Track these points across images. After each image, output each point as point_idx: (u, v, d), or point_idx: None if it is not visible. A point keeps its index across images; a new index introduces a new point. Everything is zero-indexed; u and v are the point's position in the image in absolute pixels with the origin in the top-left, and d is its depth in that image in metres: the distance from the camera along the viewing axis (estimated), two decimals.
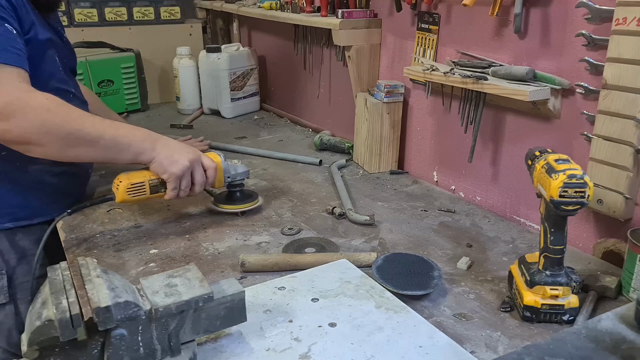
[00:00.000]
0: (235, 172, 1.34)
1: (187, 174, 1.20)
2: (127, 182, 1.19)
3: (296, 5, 1.96)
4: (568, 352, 0.63)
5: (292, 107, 2.40)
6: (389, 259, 1.10)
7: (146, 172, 1.21)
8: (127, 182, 1.19)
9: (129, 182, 1.19)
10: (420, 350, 0.80)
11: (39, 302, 0.69)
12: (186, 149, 1.23)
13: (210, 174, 1.25)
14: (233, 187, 1.37)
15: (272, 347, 0.81)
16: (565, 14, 1.17)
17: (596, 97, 1.10)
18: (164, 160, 1.18)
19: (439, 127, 1.59)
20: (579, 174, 0.85)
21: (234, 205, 1.38)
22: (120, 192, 1.19)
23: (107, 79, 2.35)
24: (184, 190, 1.22)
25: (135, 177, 1.20)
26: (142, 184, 1.20)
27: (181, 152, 1.21)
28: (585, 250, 1.20)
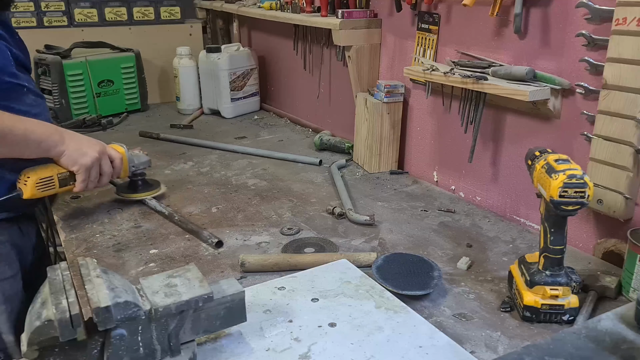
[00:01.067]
0: (138, 162, 1.40)
1: (96, 166, 1.24)
2: (36, 177, 1.18)
3: (296, 5, 1.96)
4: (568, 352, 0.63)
5: (292, 107, 2.40)
6: (389, 259, 1.10)
7: (53, 166, 1.22)
8: (35, 177, 1.18)
9: (38, 177, 1.18)
10: (420, 351, 0.80)
11: (38, 302, 0.69)
12: (93, 141, 1.26)
13: (116, 165, 1.30)
14: (135, 176, 1.43)
15: (272, 347, 0.81)
16: (565, 14, 1.17)
17: (596, 97, 1.10)
18: (73, 152, 1.20)
19: (439, 127, 1.59)
20: (579, 174, 0.85)
21: (137, 193, 1.44)
22: (28, 187, 1.18)
23: (107, 79, 2.35)
24: (93, 181, 1.25)
25: (44, 172, 1.20)
26: (51, 178, 1.21)
27: (89, 144, 1.24)
28: (585, 250, 1.20)
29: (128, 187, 1.45)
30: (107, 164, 1.27)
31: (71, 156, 1.20)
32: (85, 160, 1.21)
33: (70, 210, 1.41)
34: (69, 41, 2.32)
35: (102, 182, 1.28)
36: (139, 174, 1.43)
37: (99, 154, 1.24)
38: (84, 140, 1.24)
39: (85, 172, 1.22)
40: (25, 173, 1.19)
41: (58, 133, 1.20)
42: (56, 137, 1.19)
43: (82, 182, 1.23)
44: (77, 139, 1.23)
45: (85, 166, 1.21)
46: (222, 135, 2.12)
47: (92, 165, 1.22)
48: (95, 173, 1.25)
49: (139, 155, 1.41)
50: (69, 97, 2.22)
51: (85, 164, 1.21)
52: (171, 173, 1.70)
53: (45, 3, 2.41)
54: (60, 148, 1.19)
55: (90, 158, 1.22)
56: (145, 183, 1.46)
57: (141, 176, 1.44)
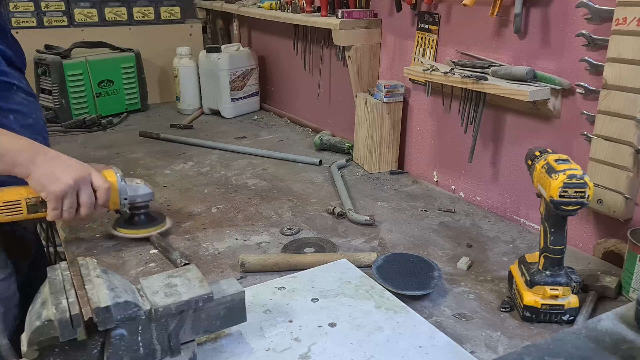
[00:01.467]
0: (134, 194, 1.20)
1: (71, 194, 1.07)
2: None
3: (296, 5, 1.96)
4: (568, 352, 0.63)
5: (292, 107, 2.40)
6: (389, 259, 1.10)
7: (23, 189, 1.08)
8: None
9: (1, 200, 1.06)
10: (420, 350, 0.80)
11: (38, 302, 0.69)
12: (74, 165, 1.10)
13: (100, 195, 1.11)
14: (135, 209, 1.23)
15: (272, 347, 0.81)
16: (565, 14, 1.17)
17: (596, 97, 1.10)
18: (42, 177, 1.05)
19: (439, 127, 1.59)
20: (579, 174, 0.85)
21: (135, 229, 1.24)
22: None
23: (107, 79, 2.35)
24: (68, 211, 1.08)
25: (10, 195, 1.07)
26: (18, 202, 1.07)
27: (66, 169, 1.08)
28: (585, 250, 1.20)
29: (126, 220, 1.24)
30: (88, 193, 1.09)
31: (39, 180, 1.05)
32: (55, 188, 1.05)
33: None
34: (69, 41, 2.33)
35: (81, 212, 1.10)
36: (141, 207, 1.23)
37: (74, 181, 1.07)
38: (62, 163, 1.08)
39: (55, 200, 1.06)
40: None
41: (29, 151, 1.05)
42: (25, 155, 1.04)
43: (53, 211, 1.07)
44: (52, 162, 1.07)
45: (54, 194, 1.05)
46: (222, 135, 2.12)
47: (63, 194, 1.06)
48: (69, 202, 1.08)
49: (137, 186, 1.21)
50: (69, 97, 2.22)
51: (54, 192, 1.05)
52: (171, 173, 1.70)
53: (45, 3, 2.41)
54: (27, 169, 1.04)
55: (63, 185, 1.05)
56: (148, 217, 1.26)
57: (144, 209, 1.24)
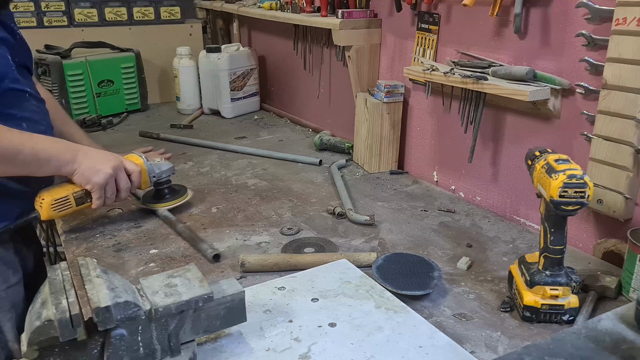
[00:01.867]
0: (159, 171, 1.34)
1: (111, 182, 1.21)
2: (50, 198, 1.15)
3: (296, 5, 1.96)
4: (568, 352, 0.63)
5: (292, 107, 2.40)
6: (389, 259, 1.10)
7: (68, 185, 1.19)
8: (50, 198, 1.15)
9: (52, 199, 1.16)
10: (420, 350, 0.80)
11: (38, 302, 0.69)
12: (107, 156, 1.22)
13: (134, 178, 1.26)
14: (160, 185, 1.37)
15: (272, 347, 0.81)
16: (565, 14, 1.17)
17: (596, 97, 1.10)
18: (86, 170, 1.17)
19: (439, 127, 1.59)
20: (579, 174, 0.85)
21: (163, 202, 1.38)
22: (44, 209, 1.15)
23: (107, 79, 2.35)
24: (110, 197, 1.22)
25: (58, 192, 1.17)
26: (67, 198, 1.18)
27: (103, 160, 1.20)
28: (585, 250, 1.20)
29: (153, 196, 1.39)
30: (124, 178, 1.23)
31: (83, 174, 1.17)
32: (98, 178, 1.18)
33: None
34: (69, 41, 2.32)
35: (120, 197, 1.24)
36: (164, 182, 1.37)
37: (113, 170, 1.20)
38: (98, 157, 1.21)
39: (99, 190, 1.19)
40: (40, 194, 1.17)
41: (70, 151, 1.17)
42: (68, 155, 1.16)
43: (98, 200, 1.20)
44: (90, 155, 1.19)
45: (98, 184, 1.18)
46: (222, 135, 2.12)
47: (105, 182, 1.19)
48: (111, 189, 1.21)
49: (159, 163, 1.35)
50: (69, 97, 2.21)
51: (98, 182, 1.18)
52: None
53: (45, 3, 2.41)
54: (72, 166, 1.16)
55: (104, 175, 1.19)
56: (172, 190, 1.40)
57: (167, 184, 1.38)
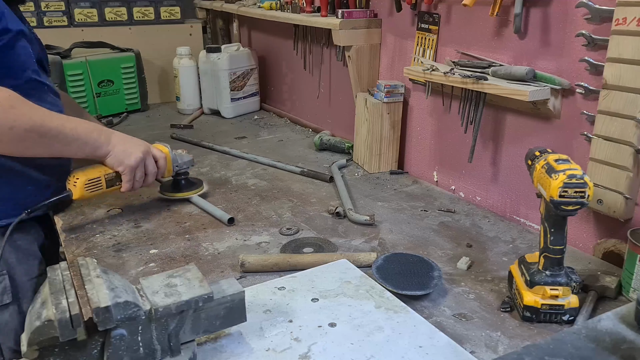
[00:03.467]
0: (181, 161, 1.41)
1: (141, 166, 1.26)
2: (85, 178, 1.20)
3: (296, 5, 1.96)
4: (568, 352, 0.63)
5: (292, 107, 2.40)
6: (389, 259, 1.10)
7: (100, 167, 1.24)
8: (84, 178, 1.20)
9: (87, 178, 1.21)
10: (420, 351, 0.80)
11: (38, 302, 0.69)
12: (138, 142, 1.27)
13: (161, 164, 1.32)
14: (179, 175, 1.43)
15: (272, 347, 0.81)
16: (565, 14, 1.17)
17: (596, 97, 1.10)
18: (119, 153, 1.22)
19: (439, 127, 1.59)
20: (579, 174, 0.85)
21: (182, 192, 1.45)
22: (78, 188, 1.20)
23: (107, 79, 2.35)
24: (139, 181, 1.27)
25: (92, 173, 1.22)
26: (99, 179, 1.23)
27: (134, 144, 1.26)
28: (585, 250, 1.20)
29: (172, 186, 1.46)
30: (152, 163, 1.29)
31: (117, 157, 1.22)
32: (130, 161, 1.23)
33: (70, 211, 1.41)
34: (69, 41, 2.33)
35: (147, 181, 1.30)
36: (182, 173, 1.44)
37: (143, 154, 1.25)
38: (129, 141, 1.26)
39: (130, 172, 1.24)
40: (74, 174, 1.22)
41: (104, 133, 1.22)
42: (102, 137, 1.20)
43: (128, 182, 1.25)
44: (122, 139, 1.24)
45: (130, 167, 1.23)
46: (222, 135, 2.12)
47: (137, 165, 1.24)
48: (140, 173, 1.26)
49: (182, 154, 1.43)
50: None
51: (130, 165, 1.23)
52: None
53: (45, 3, 2.41)
54: (107, 148, 1.21)
55: (135, 158, 1.24)
56: (189, 182, 1.47)
57: (184, 175, 1.45)
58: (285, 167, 1.73)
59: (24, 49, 1.17)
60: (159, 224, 1.34)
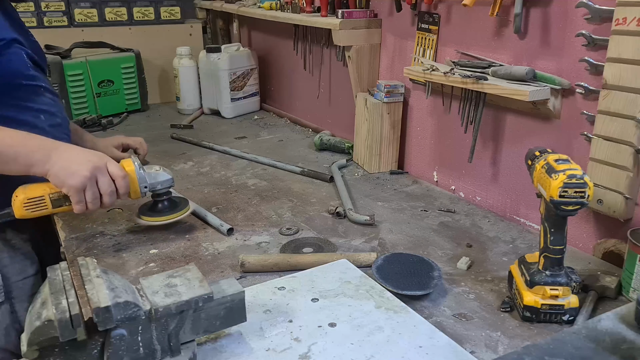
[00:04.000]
0: (154, 181, 1.21)
1: (91, 185, 1.09)
2: (24, 196, 1.08)
3: (296, 5, 1.96)
4: (568, 352, 0.63)
5: (292, 107, 2.40)
6: (389, 259, 1.10)
7: (46, 185, 1.10)
8: (23, 196, 1.08)
9: (26, 197, 1.08)
10: (420, 350, 0.80)
11: (38, 302, 0.69)
12: (88, 157, 1.11)
13: (119, 184, 1.13)
14: (158, 196, 1.25)
15: (272, 347, 0.81)
16: (565, 14, 1.17)
17: (596, 97, 1.10)
18: (59, 172, 1.07)
19: (439, 127, 1.59)
20: (579, 174, 0.85)
21: (159, 216, 1.25)
22: (16, 207, 1.08)
23: (107, 79, 2.35)
24: (92, 202, 1.10)
25: (34, 191, 1.09)
26: (42, 198, 1.09)
27: (81, 161, 1.09)
28: (585, 250, 1.20)
29: (149, 208, 1.27)
30: (106, 182, 1.11)
31: (57, 175, 1.07)
32: (73, 181, 1.07)
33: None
34: (69, 41, 2.33)
35: (105, 202, 1.12)
36: (163, 194, 1.25)
37: (90, 172, 1.08)
38: (77, 157, 1.10)
39: (76, 193, 1.08)
40: (16, 190, 1.09)
41: (43, 150, 1.08)
42: (39, 154, 1.06)
43: (77, 204, 1.09)
44: (67, 155, 1.09)
45: (74, 187, 1.07)
46: (222, 135, 2.12)
47: (82, 185, 1.08)
48: (92, 194, 1.09)
49: (156, 173, 1.22)
50: (69, 97, 2.21)
51: (74, 185, 1.07)
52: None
53: (45, 3, 2.41)
54: (44, 167, 1.06)
55: (80, 178, 1.07)
56: (171, 202, 1.27)
57: (166, 196, 1.25)
58: (285, 167, 1.73)
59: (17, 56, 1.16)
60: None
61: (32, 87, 1.20)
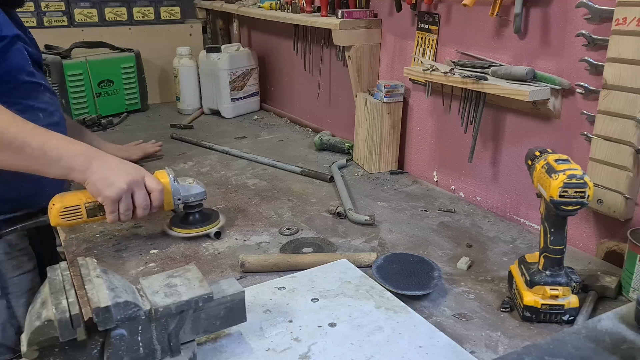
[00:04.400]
0: (187, 194, 1.22)
1: (126, 197, 1.10)
2: (60, 205, 1.09)
3: (296, 5, 1.96)
4: (568, 352, 0.63)
5: (292, 107, 2.40)
6: (389, 259, 1.10)
7: (82, 194, 1.11)
8: (60, 205, 1.09)
9: (62, 206, 1.09)
10: (420, 350, 0.80)
11: (38, 302, 0.69)
12: (127, 169, 1.12)
13: (155, 197, 1.14)
14: (190, 208, 1.26)
15: (272, 347, 0.81)
16: (565, 14, 1.17)
17: (596, 97, 1.10)
18: (98, 181, 1.08)
19: (439, 127, 1.59)
20: (579, 174, 0.85)
21: (190, 228, 1.26)
22: (53, 215, 1.09)
23: (107, 79, 2.35)
24: (125, 214, 1.11)
25: (70, 200, 1.10)
26: (78, 207, 1.10)
27: (119, 173, 1.10)
28: (585, 250, 1.20)
29: (182, 219, 1.28)
30: (142, 195, 1.12)
31: (95, 185, 1.07)
32: (110, 192, 1.08)
33: None
34: (69, 41, 2.32)
35: (137, 215, 1.13)
36: (195, 206, 1.25)
37: (128, 184, 1.09)
38: (116, 168, 1.11)
39: (111, 204, 1.09)
40: (53, 198, 1.11)
41: (85, 156, 1.08)
42: (80, 159, 1.07)
43: (111, 215, 1.10)
44: (107, 165, 1.10)
45: (110, 198, 1.08)
46: (222, 135, 2.12)
47: (118, 197, 1.09)
48: (125, 205, 1.10)
49: (189, 186, 1.23)
50: (69, 97, 2.21)
51: (110, 196, 1.08)
52: None
53: (45, 3, 2.41)
54: (84, 174, 1.07)
55: (117, 189, 1.08)
56: (203, 216, 1.28)
57: (197, 208, 1.26)
58: (285, 167, 1.73)
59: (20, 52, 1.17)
60: (159, 224, 1.34)
61: (33, 85, 1.20)
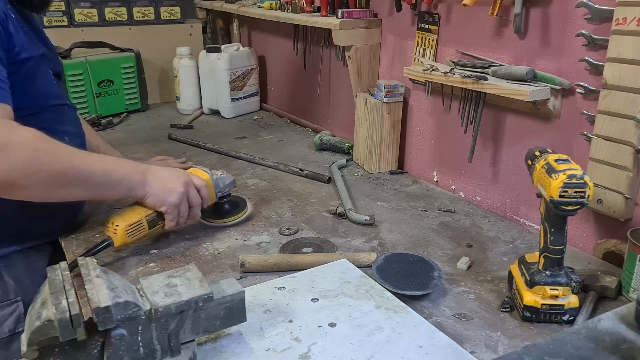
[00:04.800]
0: (223, 185, 1.28)
1: (184, 200, 1.15)
2: (125, 224, 1.11)
3: (296, 5, 1.96)
4: (568, 352, 0.63)
5: (292, 107, 2.40)
6: (389, 259, 1.10)
7: (139, 208, 1.14)
8: (124, 224, 1.11)
9: (127, 224, 1.11)
10: (420, 351, 0.80)
11: (38, 302, 0.69)
12: (175, 173, 1.17)
13: (204, 194, 1.20)
14: (222, 199, 1.30)
15: (272, 347, 0.81)
16: (565, 14, 1.17)
17: (596, 97, 1.10)
18: (159, 192, 1.11)
19: (439, 127, 1.59)
20: (579, 174, 0.85)
21: (225, 218, 1.32)
22: (119, 236, 1.10)
23: (107, 79, 2.35)
24: (183, 217, 1.17)
25: (132, 217, 1.12)
26: (140, 222, 1.13)
27: (172, 179, 1.14)
28: (585, 250, 1.20)
29: (214, 211, 1.31)
30: (195, 195, 1.17)
31: (157, 196, 1.11)
32: (173, 199, 1.12)
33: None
34: (69, 41, 2.33)
35: (192, 214, 1.19)
36: (225, 197, 1.30)
37: (185, 187, 1.14)
38: (167, 175, 1.14)
39: (174, 210, 1.14)
40: (112, 221, 1.11)
41: (139, 172, 1.11)
42: (137, 177, 1.10)
43: (172, 221, 1.15)
44: (159, 176, 1.13)
45: (173, 204, 1.13)
46: (222, 135, 2.12)
47: (180, 201, 1.14)
48: (184, 208, 1.15)
49: (223, 177, 1.29)
50: (69, 97, 2.19)
51: (173, 203, 1.13)
52: None
53: None
54: (144, 189, 1.10)
55: (178, 195, 1.13)
56: (232, 204, 1.33)
57: (227, 198, 1.31)
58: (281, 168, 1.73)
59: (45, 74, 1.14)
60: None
61: (58, 108, 1.17)
